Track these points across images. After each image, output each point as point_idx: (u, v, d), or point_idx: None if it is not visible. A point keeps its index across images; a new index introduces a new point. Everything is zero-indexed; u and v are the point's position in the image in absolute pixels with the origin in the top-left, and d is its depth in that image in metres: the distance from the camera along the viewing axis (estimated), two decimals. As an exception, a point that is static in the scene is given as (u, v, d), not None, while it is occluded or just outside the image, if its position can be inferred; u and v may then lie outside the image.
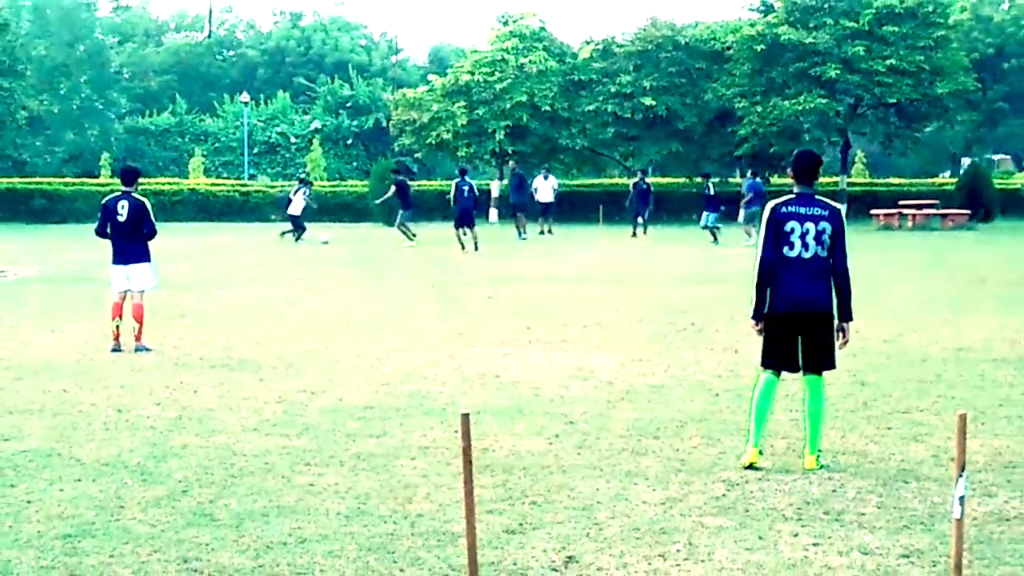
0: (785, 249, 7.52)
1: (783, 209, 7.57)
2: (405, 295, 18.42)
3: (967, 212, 41.04)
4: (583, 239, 34.68)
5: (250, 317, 15.65)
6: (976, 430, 8.44)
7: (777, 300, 7.59)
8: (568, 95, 48.67)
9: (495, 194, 47.92)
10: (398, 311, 16.26)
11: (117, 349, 12.51)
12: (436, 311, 16.21)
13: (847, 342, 7.72)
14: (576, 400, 9.88)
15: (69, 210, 46.48)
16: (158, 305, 15.15)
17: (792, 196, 7.65)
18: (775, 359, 7.69)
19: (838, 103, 45.66)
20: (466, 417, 5.12)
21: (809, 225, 7.50)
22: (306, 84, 72.62)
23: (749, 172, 36.66)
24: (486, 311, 16.25)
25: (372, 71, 74.60)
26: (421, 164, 61.64)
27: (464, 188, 29.19)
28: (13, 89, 50.19)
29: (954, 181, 48.43)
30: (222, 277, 21.68)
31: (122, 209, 12.76)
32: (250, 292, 19.04)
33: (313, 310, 16.45)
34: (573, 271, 22.91)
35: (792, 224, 7.51)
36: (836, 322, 7.66)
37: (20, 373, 11.25)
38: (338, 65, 74.51)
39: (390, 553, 5.97)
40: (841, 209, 7.82)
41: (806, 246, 7.50)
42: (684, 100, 47.68)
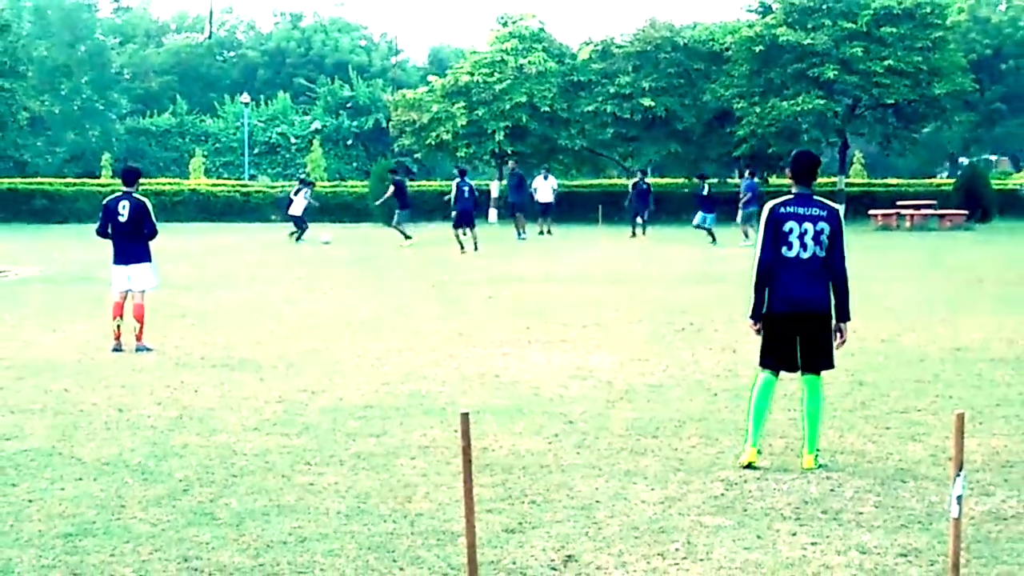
0: (784, 249, 7.54)
1: (782, 209, 7.59)
2: (405, 295, 18.43)
3: (965, 212, 41.04)
4: (582, 239, 34.67)
5: (251, 317, 15.67)
6: (973, 429, 8.46)
7: (775, 300, 7.61)
8: (567, 96, 48.67)
9: (495, 194, 47.92)
10: (398, 311, 16.28)
11: (118, 349, 12.54)
12: (436, 311, 16.23)
13: (844, 342, 7.75)
14: (575, 400, 9.89)
15: (70, 210, 46.52)
16: (159, 305, 15.16)
17: (791, 196, 7.67)
18: (773, 359, 7.72)
19: (836, 104, 45.66)
20: (466, 417, 5.13)
21: (808, 225, 7.52)
22: (306, 85, 72.59)
23: (746, 173, 36.67)
24: (486, 311, 16.27)
25: (372, 72, 74.57)
26: (421, 165, 61.66)
27: (464, 189, 29.22)
28: (14, 90, 50.21)
29: (952, 182, 48.44)
30: (223, 277, 21.69)
31: (123, 209, 12.78)
32: (251, 292, 19.05)
33: (313, 310, 16.47)
34: (572, 271, 22.91)
35: (791, 224, 7.53)
36: (834, 322, 7.69)
37: (22, 373, 11.27)
38: (338, 66, 74.50)
39: (390, 552, 5.99)
40: (839, 209, 7.85)
41: (804, 246, 7.52)
42: (683, 101, 47.67)
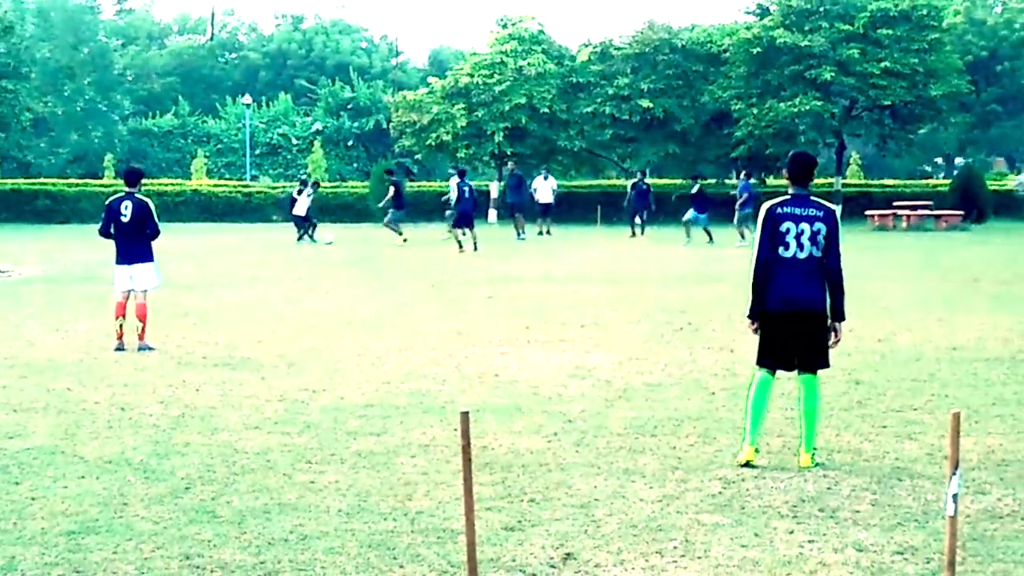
0: (780, 249, 7.59)
1: (779, 210, 7.64)
2: (405, 295, 18.45)
3: (960, 213, 41.07)
4: (581, 239, 34.65)
5: (252, 316, 15.70)
6: (969, 428, 8.47)
7: (771, 299, 7.65)
8: (566, 97, 48.67)
9: (494, 195, 47.96)
10: (398, 310, 16.31)
11: (121, 348, 12.58)
12: (436, 311, 16.26)
13: (838, 341, 7.78)
14: (574, 399, 9.92)
15: (73, 210, 46.55)
16: (161, 304, 15.18)
17: (787, 197, 7.72)
18: (770, 358, 7.76)
19: (833, 105, 45.69)
20: (465, 415, 5.15)
21: (804, 226, 7.57)
22: (307, 86, 72.59)
23: (743, 174, 36.73)
24: (485, 311, 16.30)
25: (373, 73, 74.57)
26: (421, 165, 61.68)
27: (464, 189, 29.35)
28: (18, 91, 50.23)
29: (948, 182, 48.46)
30: (224, 277, 21.72)
31: (125, 210, 12.82)
32: (252, 291, 19.08)
33: (314, 309, 16.50)
34: (571, 271, 22.93)
35: (787, 224, 7.58)
36: (829, 321, 7.73)
37: (25, 372, 11.31)
38: (339, 67, 74.51)
39: (390, 550, 6.01)
40: (836, 210, 7.91)
41: (801, 246, 7.57)
42: (681, 102, 47.69)
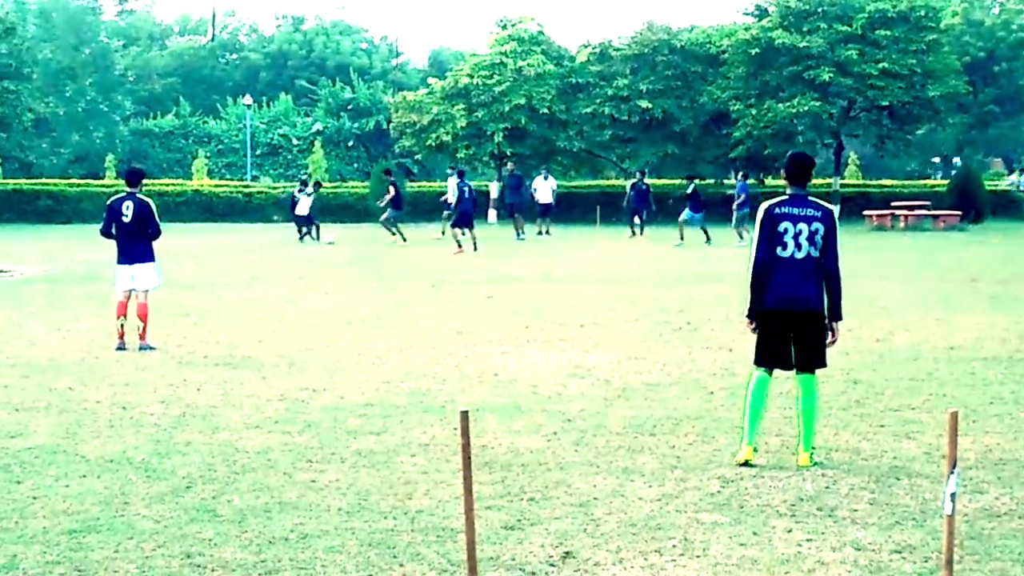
0: (778, 249, 7.62)
1: (777, 210, 7.67)
2: (405, 294, 18.46)
3: (958, 213, 41.11)
4: (580, 240, 34.66)
5: (252, 316, 15.72)
6: (967, 427, 8.49)
7: (769, 298, 7.68)
8: (566, 98, 48.68)
9: (494, 195, 47.99)
10: (398, 310, 16.33)
11: (122, 347, 12.60)
12: (436, 310, 16.28)
13: (835, 340, 7.80)
14: (573, 398, 9.95)
15: (74, 210, 46.60)
16: (162, 304, 15.22)
17: (785, 197, 7.74)
18: (768, 357, 7.78)
19: (831, 106, 45.72)
20: (465, 415, 5.17)
21: (802, 226, 7.60)
22: (308, 87, 72.59)
23: (740, 174, 36.77)
24: (485, 310, 16.32)
25: (373, 74, 74.59)
26: (421, 166, 61.71)
27: (464, 190, 29.42)
28: (19, 92, 50.26)
29: (946, 183, 48.49)
30: (225, 276, 21.74)
31: (127, 210, 12.85)
32: (252, 291, 19.09)
33: (314, 309, 16.52)
34: (570, 271, 22.95)
35: (785, 225, 7.61)
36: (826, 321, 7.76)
37: (26, 371, 11.33)
38: (339, 68, 74.53)
39: (390, 548, 6.04)
40: (833, 210, 7.93)
41: (799, 246, 7.60)
42: (680, 103, 47.71)
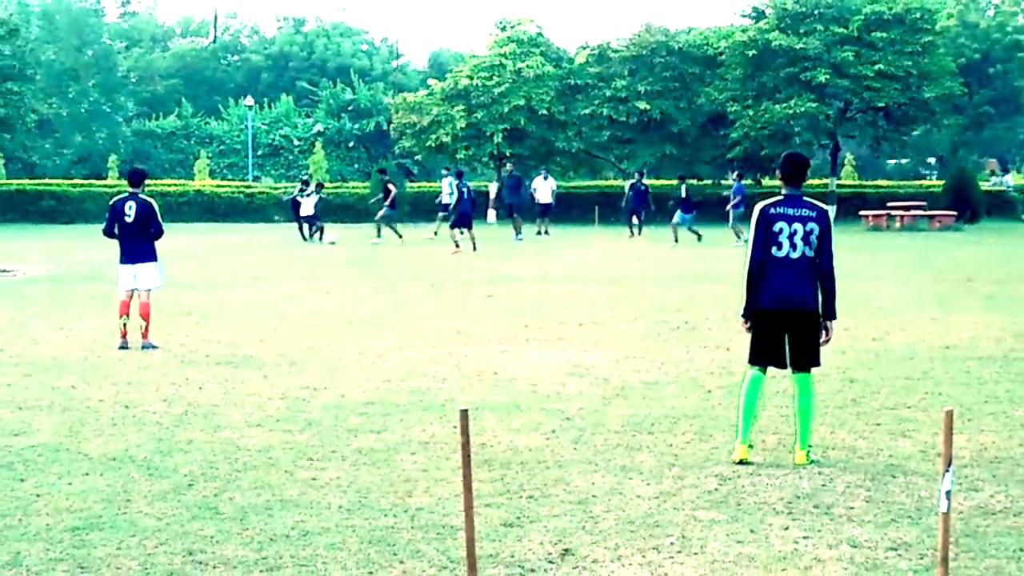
0: (773, 249, 7.65)
1: (772, 210, 7.70)
2: (405, 294, 18.48)
3: (954, 213, 41.14)
4: (579, 240, 34.67)
5: (254, 315, 15.75)
6: (962, 426, 8.52)
7: (765, 298, 7.71)
8: (564, 99, 48.70)
9: (493, 195, 48.04)
10: (398, 310, 16.36)
11: (124, 346, 12.63)
12: (435, 310, 16.31)
13: (829, 340, 7.84)
14: (572, 397, 9.97)
15: (77, 211, 46.61)
16: (164, 303, 15.26)
17: (781, 197, 7.78)
18: (762, 356, 7.81)
19: (828, 107, 45.74)
20: (465, 413, 5.19)
21: (797, 226, 7.63)
22: (309, 88, 72.59)
23: (736, 175, 36.84)
24: (484, 310, 16.35)
25: (373, 75, 74.62)
26: (421, 166, 61.71)
27: (463, 190, 29.51)
28: (23, 93, 50.29)
29: (941, 183, 48.55)
30: (226, 276, 21.75)
31: (129, 210, 12.90)
32: (254, 291, 19.11)
33: (315, 308, 16.55)
34: (569, 271, 22.96)
35: (781, 225, 7.64)
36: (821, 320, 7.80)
37: (29, 370, 11.36)
38: (340, 69, 74.56)
39: (390, 546, 6.06)
40: (829, 210, 7.97)
41: (794, 246, 7.63)
42: (678, 104, 47.76)
